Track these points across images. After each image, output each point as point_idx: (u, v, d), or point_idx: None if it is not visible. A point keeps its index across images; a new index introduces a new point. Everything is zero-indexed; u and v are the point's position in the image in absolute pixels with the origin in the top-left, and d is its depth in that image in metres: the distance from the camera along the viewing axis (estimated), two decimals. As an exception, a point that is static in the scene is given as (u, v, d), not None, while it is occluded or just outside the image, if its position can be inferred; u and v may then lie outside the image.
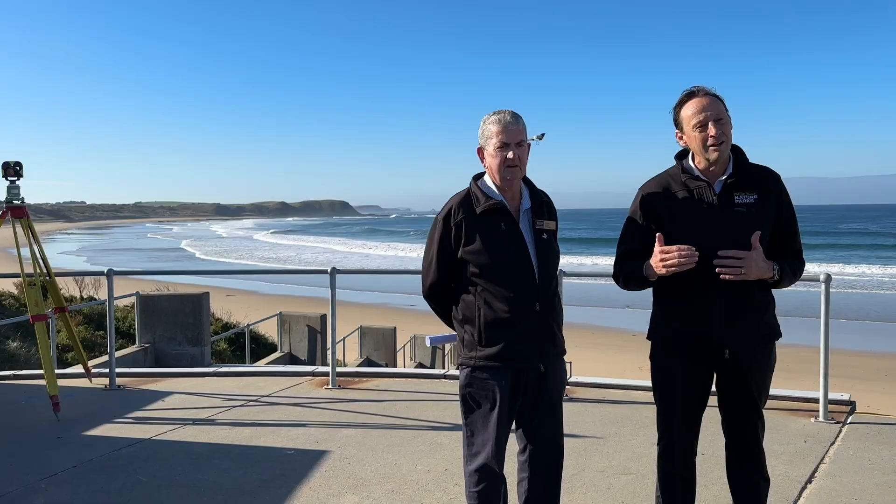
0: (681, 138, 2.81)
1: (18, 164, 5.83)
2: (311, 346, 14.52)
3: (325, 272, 6.42)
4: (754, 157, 2.86)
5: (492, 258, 2.73)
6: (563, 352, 2.91)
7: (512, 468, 2.87)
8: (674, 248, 2.63)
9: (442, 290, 2.91)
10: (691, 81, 3.10)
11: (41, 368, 7.05)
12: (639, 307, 16.49)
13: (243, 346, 13.77)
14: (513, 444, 2.85)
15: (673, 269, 2.64)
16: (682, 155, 2.87)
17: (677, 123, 2.82)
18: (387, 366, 15.31)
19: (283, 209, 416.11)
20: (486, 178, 2.86)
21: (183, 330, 10.56)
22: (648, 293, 2.94)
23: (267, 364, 12.85)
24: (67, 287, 15.76)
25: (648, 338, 2.93)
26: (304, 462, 4.38)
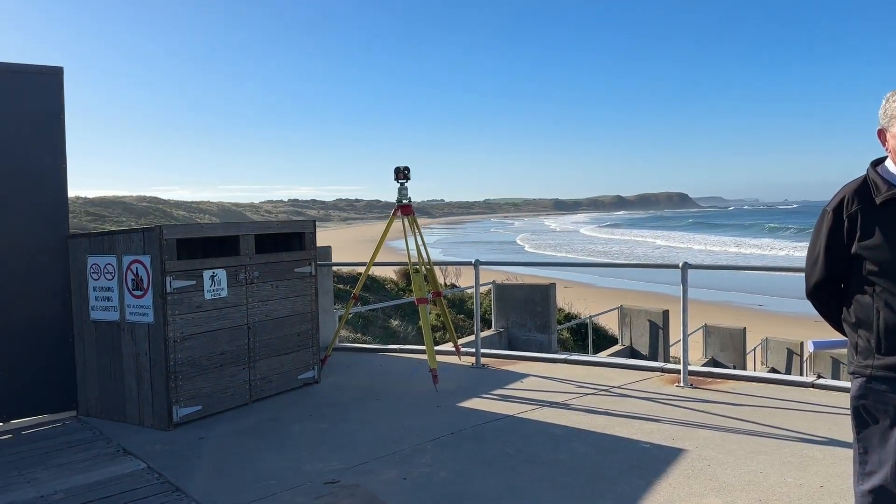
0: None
1: (407, 168, 6.80)
2: (652, 341, 14.29)
3: (675, 267, 6.27)
4: None
5: (894, 255, 2.41)
6: None
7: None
8: None
9: (829, 289, 2.65)
10: None
11: (420, 344, 8.11)
12: None
13: (584, 336, 14.14)
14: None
15: None
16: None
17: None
18: (735, 367, 14.36)
19: (618, 203, 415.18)
20: (889, 163, 2.52)
21: (532, 317, 11.25)
22: None
23: (608, 356, 13.00)
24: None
25: None
26: (660, 457, 4.36)
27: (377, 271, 17.44)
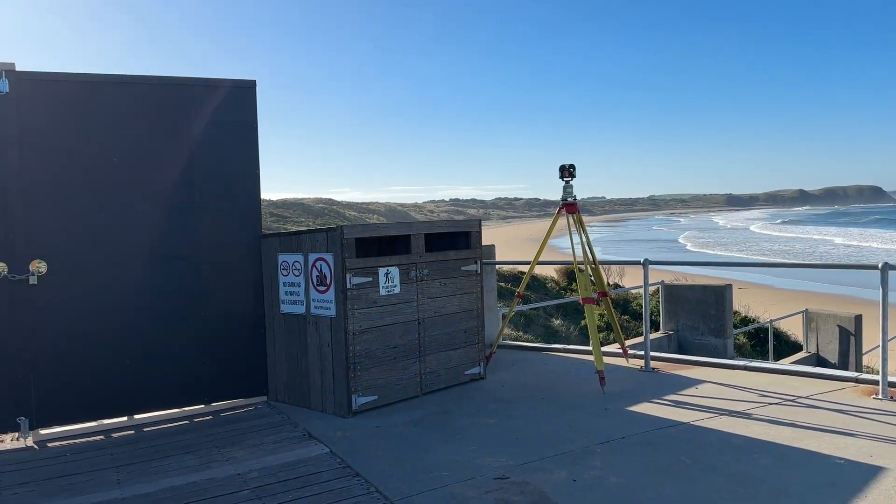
0: None
1: (572, 166, 6.72)
2: (842, 349, 13.04)
3: (874, 268, 5.68)
4: None
5: None
6: None
7: None
8: None
9: None
10: None
11: (583, 344, 7.98)
12: None
13: (764, 342, 13.21)
14: None
15: None
16: None
17: None
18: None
19: (800, 197, 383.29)
20: None
21: (705, 320, 10.69)
22: None
23: (791, 363, 12.05)
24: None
25: None
26: (856, 475, 3.97)
27: (538, 270, 17.40)
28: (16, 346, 5.28)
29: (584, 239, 6.73)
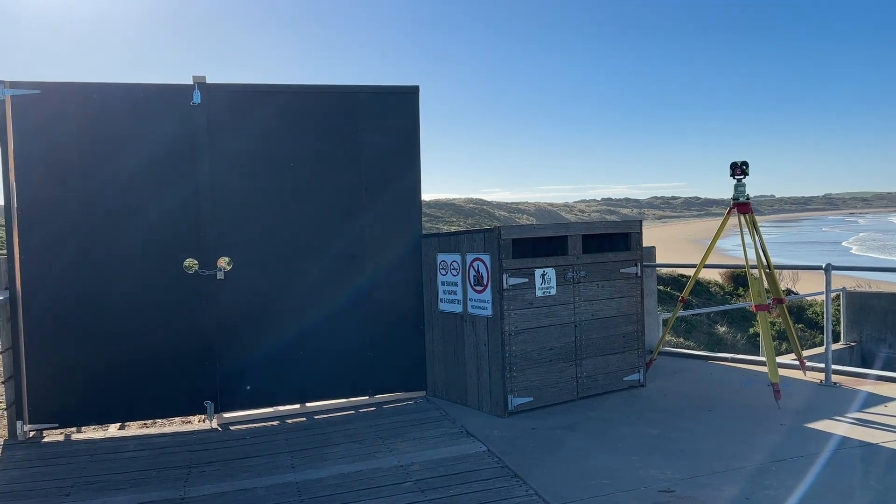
0: None
1: (745, 163, 6.31)
2: None
3: None
4: None
5: None
6: None
7: None
8: None
9: None
10: None
11: (752, 354, 7.45)
12: None
13: (966, 359, 11.67)
14: None
15: None
16: None
17: None
18: None
19: None
20: None
21: (894, 332, 9.63)
22: None
23: None
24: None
25: None
26: None
27: (701, 274, 16.58)
28: (204, 336, 5.81)
29: (757, 241, 6.29)
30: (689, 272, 14.63)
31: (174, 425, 5.96)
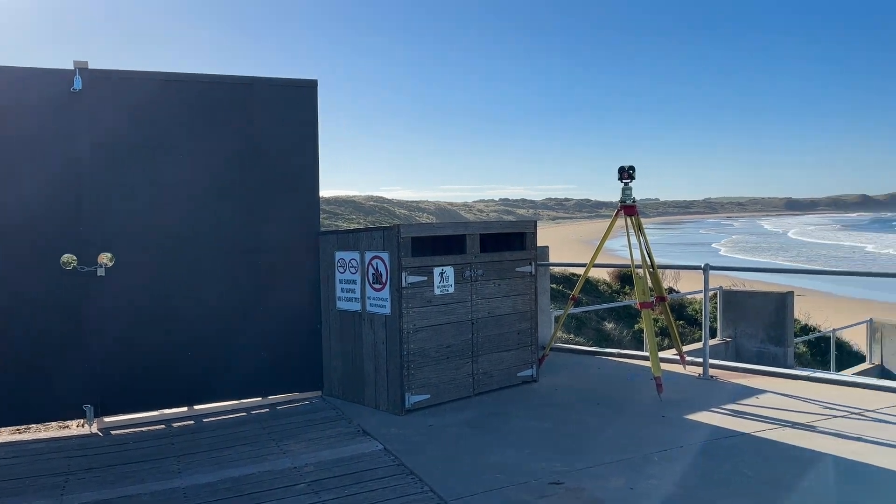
0: None
1: (632, 167, 6.61)
2: (910, 362, 12.51)
3: (952, 278, 5.42)
4: None
5: None
6: None
7: None
8: None
9: None
10: None
11: (637, 349, 7.82)
12: None
13: (824, 351, 12.78)
14: None
15: None
16: None
17: None
18: None
19: (863, 202, 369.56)
20: None
21: (766, 328, 10.39)
22: None
23: (855, 375, 11.62)
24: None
25: None
26: (932, 496, 3.80)
27: (591, 273, 17.23)
28: (83, 337, 5.47)
29: (642, 242, 6.61)
30: (580, 271, 15.18)
31: (51, 431, 5.58)
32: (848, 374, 11.10)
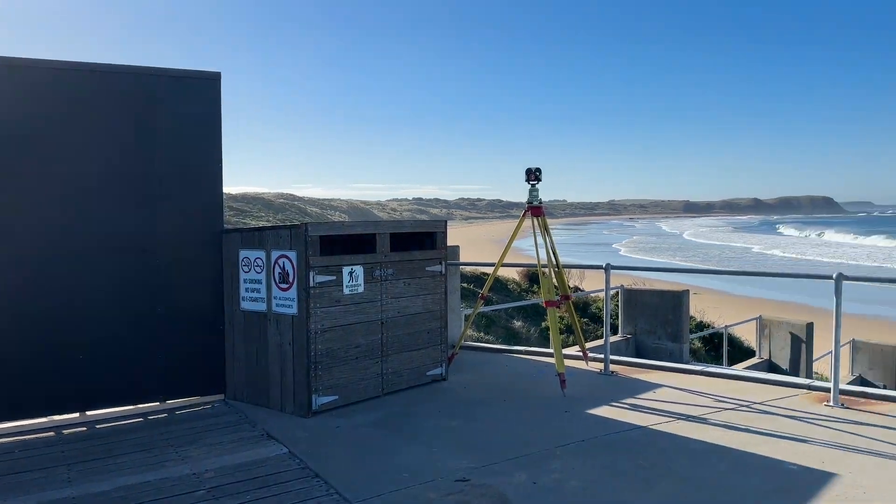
0: None
1: (538, 169, 6.75)
2: (793, 356, 13.40)
3: (829, 278, 5.84)
4: None
5: None
6: None
7: None
8: None
9: None
10: None
11: (544, 346, 8.02)
12: None
13: (717, 347, 13.49)
14: None
15: None
16: None
17: None
18: (885, 387, 13.19)
19: (755, 206, 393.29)
20: None
21: (663, 325, 10.86)
22: None
23: (745, 369, 12.33)
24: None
25: None
26: (809, 481, 4.07)
27: (501, 272, 17.48)
28: (-38, 339, 5.09)
29: (548, 242, 6.77)
30: (490, 270, 15.45)
31: (-79, 443, 5.15)
32: (738, 369, 11.77)
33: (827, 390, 5.86)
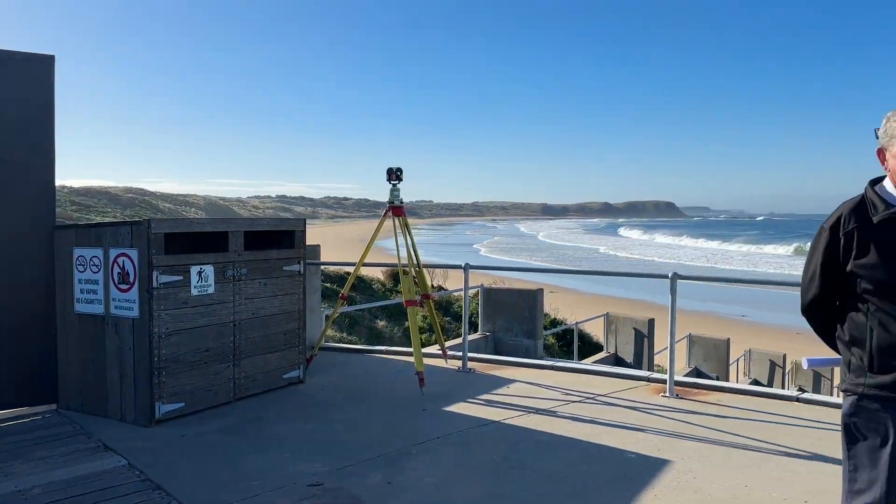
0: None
1: (399, 169, 6.76)
2: (637, 350, 14.34)
3: (665, 277, 6.28)
4: None
5: (889, 275, 2.41)
6: None
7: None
8: None
9: (825, 306, 2.66)
10: None
11: (406, 346, 8.06)
12: None
13: (570, 343, 14.16)
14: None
15: None
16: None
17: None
18: (718, 378, 14.44)
19: (606, 209, 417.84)
20: (887, 183, 2.52)
21: (520, 322, 11.24)
22: None
23: (593, 363, 13.03)
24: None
25: None
26: (646, 468, 4.35)
27: (364, 271, 17.35)
28: None
29: (409, 242, 6.79)
30: (352, 270, 15.33)
31: None
32: (587, 363, 12.41)
33: (664, 382, 6.29)
